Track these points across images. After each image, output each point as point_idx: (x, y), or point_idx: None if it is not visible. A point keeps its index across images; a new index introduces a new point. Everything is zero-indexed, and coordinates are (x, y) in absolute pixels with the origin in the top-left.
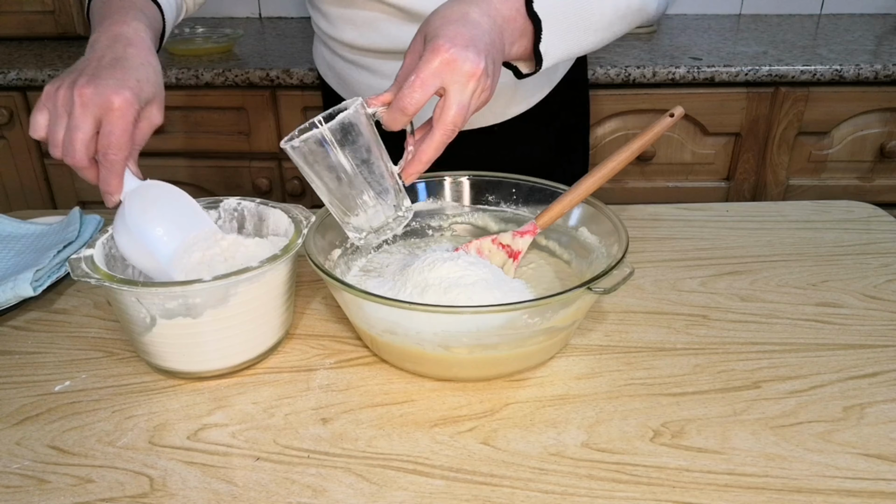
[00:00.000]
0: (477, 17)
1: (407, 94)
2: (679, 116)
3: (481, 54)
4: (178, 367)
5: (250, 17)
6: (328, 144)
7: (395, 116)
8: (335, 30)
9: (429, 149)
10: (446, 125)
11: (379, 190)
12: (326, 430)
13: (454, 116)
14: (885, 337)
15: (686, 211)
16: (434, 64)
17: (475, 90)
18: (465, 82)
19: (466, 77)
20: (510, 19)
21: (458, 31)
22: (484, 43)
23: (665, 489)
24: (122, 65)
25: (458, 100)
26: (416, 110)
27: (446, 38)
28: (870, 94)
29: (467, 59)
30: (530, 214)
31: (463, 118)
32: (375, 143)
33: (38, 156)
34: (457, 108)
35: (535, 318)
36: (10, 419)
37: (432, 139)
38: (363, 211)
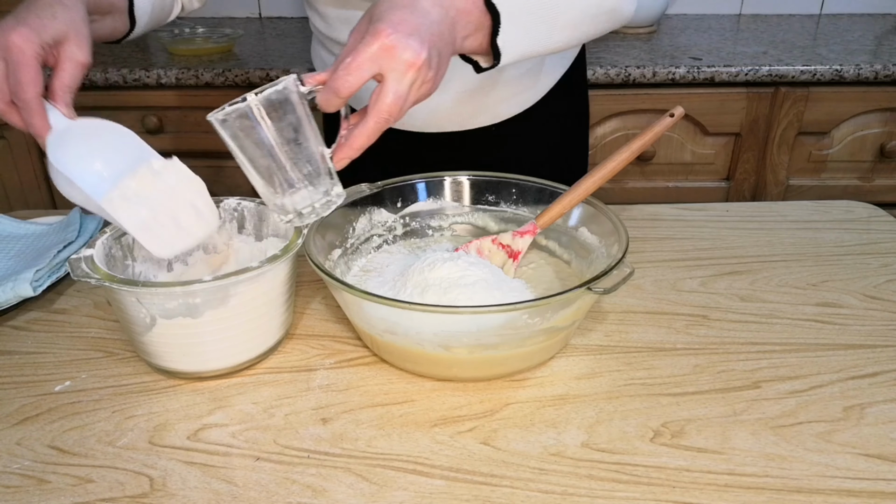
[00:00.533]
0: (427, 6)
1: (341, 75)
2: (679, 116)
3: (424, 44)
4: (178, 367)
5: (250, 17)
6: (254, 118)
7: (328, 98)
8: (332, 30)
9: (361, 135)
10: (380, 113)
11: (307, 172)
12: (326, 430)
13: (389, 105)
14: (885, 337)
15: (686, 211)
16: (372, 48)
17: (414, 81)
18: (403, 71)
19: (405, 66)
20: (464, 11)
21: (404, 17)
22: (430, 33)
23: (665, 489)
24: (28, 7)
25: (394, 88)
26: (350, 93)
27: (389, 23)
28: (870, 94)
29: (408, 48)
30: (530, 214)
31: (399, 108)
32: (307, 122)
33: (38, 156)
34: (393, 96)
35: (535, 318)
36: (10, 419)
37: (365, 126)
38: (289, 192)
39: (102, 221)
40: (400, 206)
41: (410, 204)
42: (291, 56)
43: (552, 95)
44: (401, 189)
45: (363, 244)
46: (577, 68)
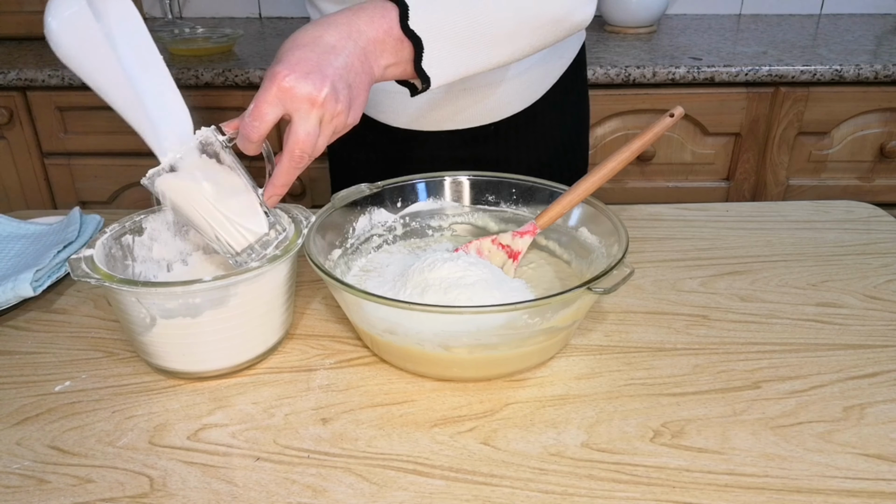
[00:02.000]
0: (333, 40)
1: (248, 122)
2: (679, 116)
3: (326, 80)
4: (178, 367)
5: (250, 17)
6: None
7: (244, 144)
8: None
9: (281, 174)
10: (293, 152)
11: (239, 215)
12: (326, 430)
13: (301, 143)
14: (885, 337)
15: (686, 211)
16: (271, 92)
17: (321, 117)
18: (307, 110)
19: (307, 104)
20: (376, 40)
21: (303, 56)
22: (333, 68)
23: (665, 489)
24: None
25: (302, 127)
26: (261, 138)
27: (286, 65)
28: (870, 94)
29: (305, 86)
30: (530, 214)
31: (311, 145)
32: (232, 169)
33: (38, 156)
34: (303, 135)
35: (535, 318)
36: (10, 419)
37: (282, 166)
38: (229, 237)
39: (102, 221)
40: (400, 206)
41: (410, 204)
42: None
43: (552, 94)
44: (401, 189)
45: (363, 244)
46: (577, 67)
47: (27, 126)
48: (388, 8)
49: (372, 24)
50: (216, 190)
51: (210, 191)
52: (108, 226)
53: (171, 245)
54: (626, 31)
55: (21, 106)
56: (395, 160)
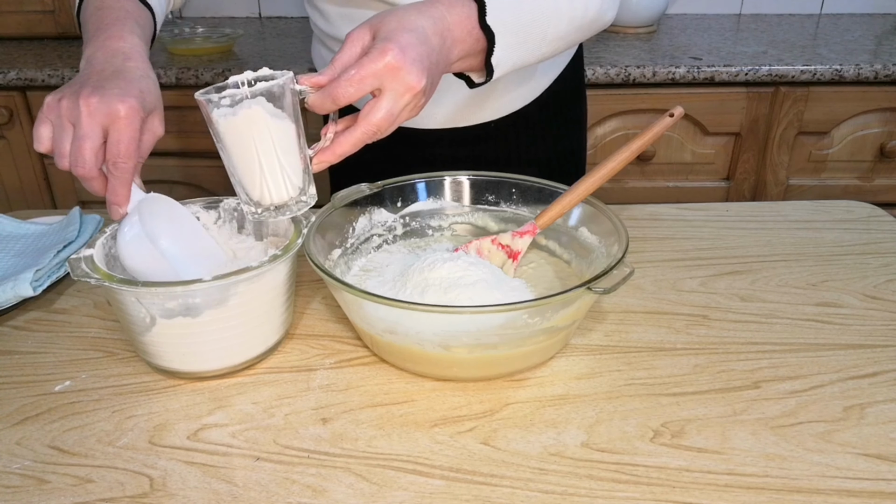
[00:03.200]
0: (430, 33)
1: (343, 84)
2: (679, 116)
3: (425, 72)
4: (178, 367)
5: (250, 17)
6: (250, 115)
7: (323, 102)
8: (333, 28)
9: (346, 143)
10: (370, 126)
11: (288, 169)
12: (326, 430)
13: (380, 120)
14: (885, 337)
15: (686, 211)
16: (379, 65)
17: (408, 104)
18: (402, 92)
19: (405, 88)
20: (460, 40)
21: (412, 41)
22: (430, 61)
23: (665, 489)
24: (124, 76)
25: (389, 106)
26: (347, 102)
27: (398, 44)
28: (870, 94)
29: (412, 72)
30: (530, 214)
31: (388, 125)
32: (296, 121)
33: (38, 156)
34: (386, 113)
35: (535, 317)
36: (10, 419)
37: (352, 135)
38: (268, 186)
39: (102, 221)
40: (400, 206)
41: (410, 204)
42: (291, 56)
43: (550, 93)
44: (401, 189)
45: (363, 244)
46: (575, 66)
47: (27, 126)
48: (471, 5)
49: (460, 24)
50: (281, 136)
51: (278, 133)
52: (108, 226)
53: None
54: (626, 31)
55: (21, 106)
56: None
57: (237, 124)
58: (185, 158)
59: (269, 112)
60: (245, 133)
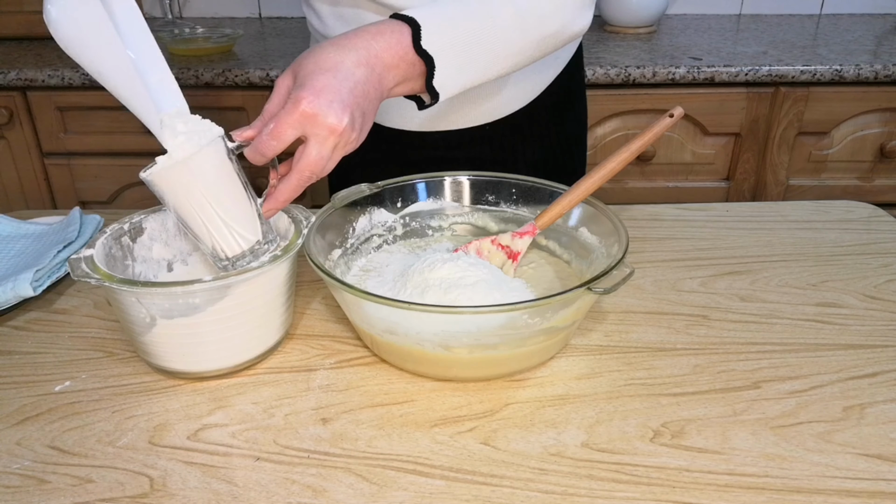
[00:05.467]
0: (352, 65)
1: (265, 140)
2: (679, 117)
3: (346, 109)
4: (178, 367)
5: (250, 17)
6: (187, 174)
7: (254, 157)
8: (327, 28)
9: (286, 191)
10: (302, 172)
11: (234, 224)
12: (326, 430)
13: (311, 165)
14: (885, 337)
15: (686, 211)
16: (294, 115)
17: (337, 144)
18: (325, 136)
19: (328, 132)
20: (392, 66)
21: (327, 82)
22: (354, 96)
23: (665, 489)
24: None
25: (316, 151)
26: (275, 155)
27: (311, 90)
28: (870, 94)
29: (329, 115)
30: (530, 214)
31: (321, 168)
32: (235, 175)
33: (38, 156)
34: (315, 158)
35: (535, 318)
36: (10, 419)
37: (289, 182)
38: (222, 240)
39: (102, 221)
40: (400, 206)
41: (410, 204)
42: (291, 56)
43: (549, 94)
44: (401, 189)
45: (363, 244)
46: (575, 68)
47: (27, 126)
48: (402, 30)
49: (389, 50)
50: (218, 192)
51: (212, 191)
52: (108, 226)
53: (171, 245)
54: (626, 31)
55: (21, 106)
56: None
57: (177, 189)
58: None
59: (203, 174)
60: (186, 196)
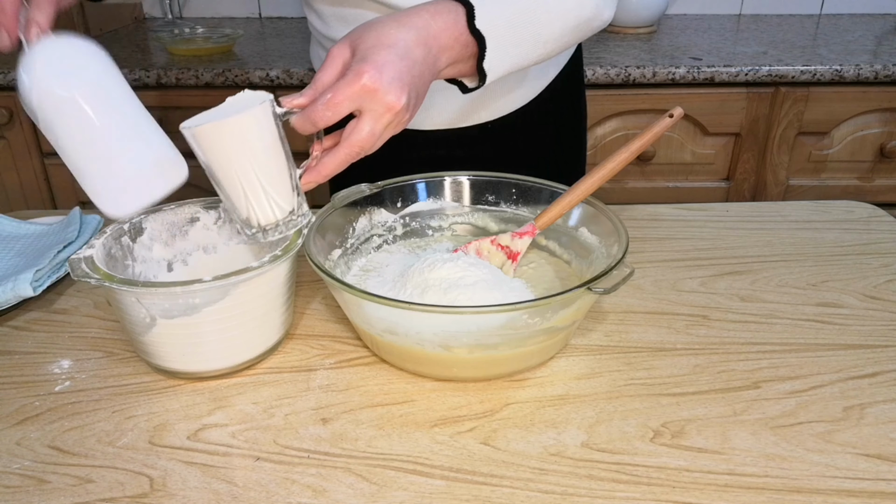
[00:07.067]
0: (412, 44)
1: (320, 110)
2: (678, 117)
3: (405, 89)
4: (178, 367)
5: (250, 17)
6: (230, 135)
7: (304, 125)
8: (329, 29)
9: (331, 164)
10: (352, 146)
11: (272, 191)
12: (326, 430)
13: (362, 140)
14: (885, 337)
15: (686, 211)
16: (354, 88)
17: (390, 122)
18: (381, 112)
19: (385, 109)
20: (447, 48)
21: (389, 58)
22: (411, 76)
23: (665, 489)
24: None
25: (370, 127)
26: (326, 126)
27: (373, 65)
28: (870, 94)
29: (389, 92)
30: (530, 214)
31: (371, 144)
32: (281, 141)
33: (38, 156)
34: (367, 134)
35: (535, 318)
36: (10, 419)
37: (336, 156)
38: (256, 207)
39: (102, 221)
40: (400, 206)
41: (410, 204)
42: (291, 56)
43: (549, 93)
44: (401, 189)
45: (363, 244)
46: (574, 66)
47: (27, 126)
48: (458, 10)
49: (447, 31)
50: (261, 157)
51: (256, 156)
52: (108, 226)
53: (171, 245)
54: (626, 31)
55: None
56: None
57: (219, 148)
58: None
59: (250, 135)
60: (228, 156)
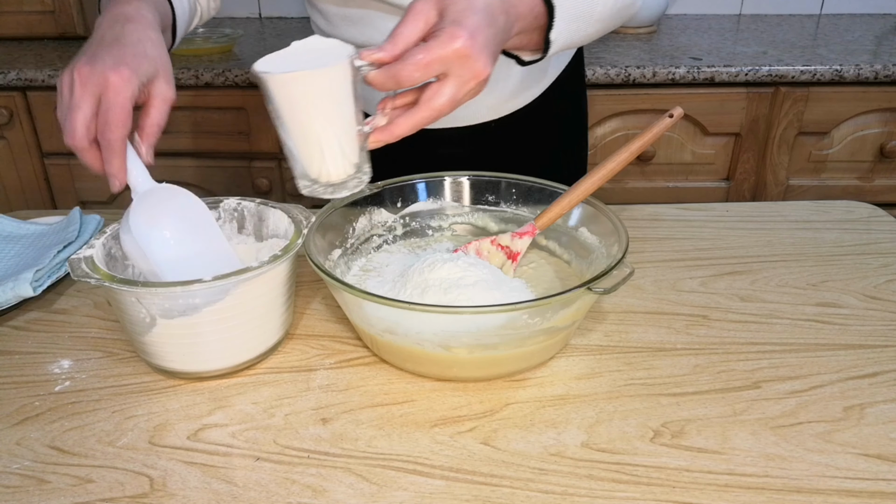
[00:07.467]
0: (497, 11)
1: (409, 69)
2: (678, 117)
3: (492, 58)
4: (178, 367)
5: (250, 17)
6: (314, 87)
7: (385, 82)
8: (334, 28)
9: (405, 125)
10: (432, 110)
11: (346, 146)
12: (326, 430)
13: (442, 105)
14: (885, 337)
15: (686, 211)
16: (447, 51)
17: (472, 90)
18: (468, 79)
19: (472, 75)
20: (521, 17)
21: (480, 24)
22: (495, 44)
23: (665, 489)
24: (121, 42)
25: (453, 92)
26: (411, 86)
27: (467, 30)
28: (870, 94)
29: (480, 59)
30: (530, 214)
31: (449, 110)
32: (355, 97)
33: (38, 156)
34: (449, 99)
35: (535, 318)
36: (10, 419)
37: (412, 118)
38: (326, 162)
39: (102, 221)
40: (400, 206)
41: (410, 204)
42: None
43: (551, 92)
44: (401, 189)
45: (363, 244)
46: (576, 66)
47: (27, 126)
48: None
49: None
50: (339, 110)
51: (335, 108)
52: (108, 226)
53: None
54: (626, 31)
55: (21, 106)
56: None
57: (299, 99)
58: (186, 158)
59: (333, 89)
60: (305, 105)
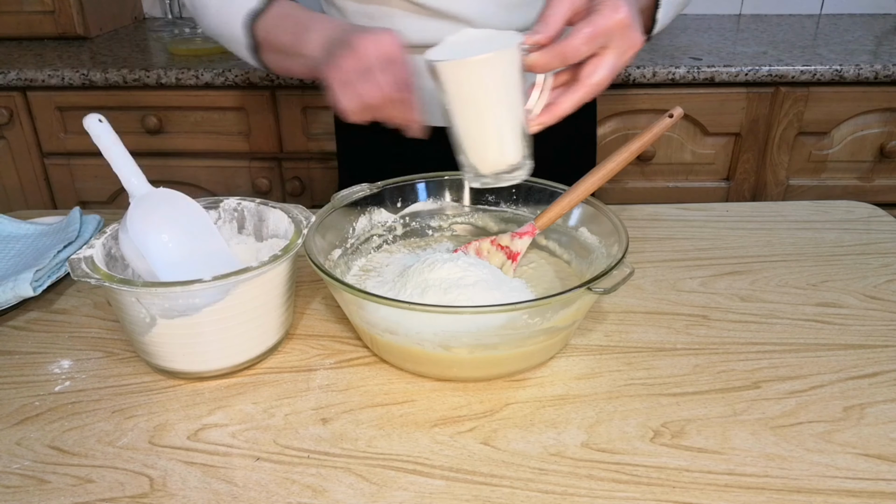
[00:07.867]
0: None
1: (577, 44)
2: (678, 117)
3: (642, 28)
4: (178, 367)
5: None
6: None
7: (550, 61)
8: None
9: (567, 103)
10: (594, 86)
11: (517, 128)
12: (326, 430)
13: (603, 79)
14: (885, 337)
15: (686, 211)
16: (611, 22)
17: (627, 61)
18: (626, 49)
19: (629, 45)
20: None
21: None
22: (638, 19)
23: (665, 489)
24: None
25: (613, 64)
26: (576, 61)
27: (626, 2)
28: (870, 94)
29: (637, 30)
30: (530, 214)
31: (609, 82)
32: (522, 82)
33: (38, 156)
34: (609, 71)
35: (535, 318)
36: (10, 419)
37: (574, 95)
38: (499, 146)
39: (102, 221)
40: (400, 206)
41: (410, 204)
42: None
43: None
44: (401, 189)
45: (363, 244)
46: None
47: (27, 126)
48: None
49: None
50: (512, 95)
51: (510, 94)
52: (107, 226)
53: None
54: None
55: (21, 106)
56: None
57: (475, 80)
58: (186, 158)
59: (505, 68)
60: (482, 89)
